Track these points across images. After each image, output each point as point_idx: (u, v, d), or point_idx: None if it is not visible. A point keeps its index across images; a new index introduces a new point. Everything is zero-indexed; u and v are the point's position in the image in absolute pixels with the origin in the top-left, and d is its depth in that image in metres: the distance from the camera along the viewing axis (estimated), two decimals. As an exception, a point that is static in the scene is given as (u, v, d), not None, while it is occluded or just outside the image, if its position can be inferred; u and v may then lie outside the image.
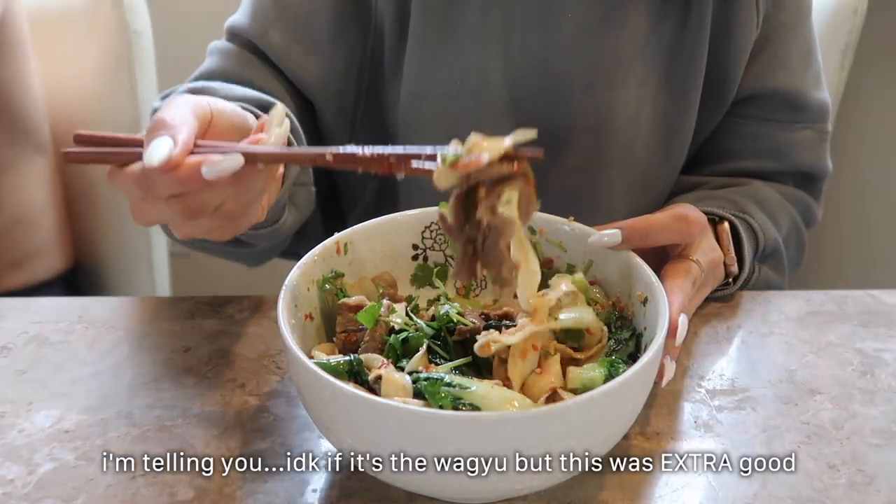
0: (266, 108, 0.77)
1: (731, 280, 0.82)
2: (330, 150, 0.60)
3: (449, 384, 0.59)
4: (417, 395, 0.59)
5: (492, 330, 0.64)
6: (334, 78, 0.89)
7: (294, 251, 0.95)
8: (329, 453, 0.67)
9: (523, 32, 0.85)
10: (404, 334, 0.64)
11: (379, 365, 0.61)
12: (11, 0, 1.14)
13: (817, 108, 0.94)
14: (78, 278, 1.32)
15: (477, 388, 0.59)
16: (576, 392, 0.61)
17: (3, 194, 1.19)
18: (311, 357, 0.61)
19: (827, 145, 0.97)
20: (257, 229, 0.75)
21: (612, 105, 0.87)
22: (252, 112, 0.71)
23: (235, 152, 0.59)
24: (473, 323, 0.65)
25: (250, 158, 0.60)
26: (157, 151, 0.57)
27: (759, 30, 0.89)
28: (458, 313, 0.66)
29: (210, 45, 0.90)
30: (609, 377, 0.60)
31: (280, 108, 0.63)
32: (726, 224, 0.81)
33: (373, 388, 0.60)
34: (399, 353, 0.63)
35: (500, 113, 0.87)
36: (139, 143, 0.61)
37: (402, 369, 0.62)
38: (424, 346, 0.64)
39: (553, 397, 0.61)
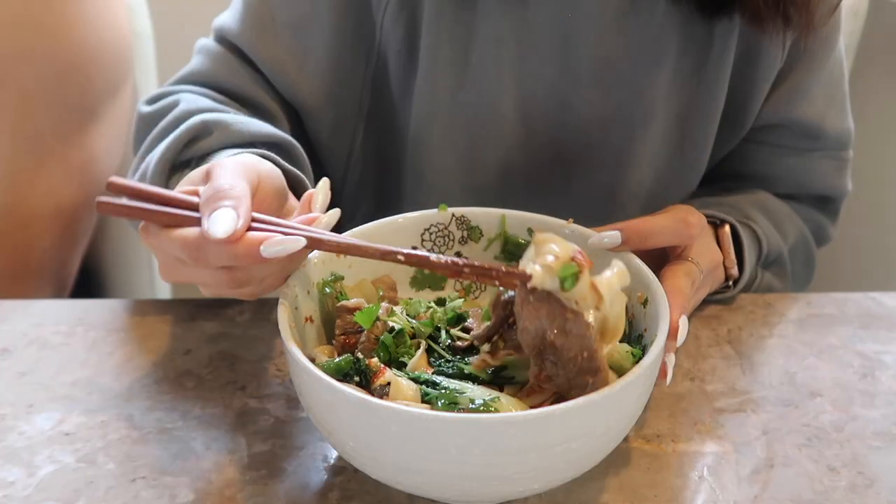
0: (282, 145, 0.78)
1: (731, 283, 0.82)
2: (402, 252, 0.60)
3: (445, 388, 0.59)
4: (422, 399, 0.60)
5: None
6: (330, 98, 0.87)
7: None
8: (330, 455, 0.67)
9: (539, 65, 0.83)
10: (398, 330, 0.64)
11: (377, 371, 0.61)
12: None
13: (836, 136, 0.91)
14: (80, 285, 1.32)
15: (471, 392, 0.59)
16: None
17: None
18: (311, 359, 0.61)
19: (846, 171, 0.95)
20: None
21: (630, 142, 0.85)
22: (275, 160, 0.72)
23: (299, 235, 0.59)
24: (469, 337, 0.65)
25: (314, 243, 0.60)
26: (223, 224, 0.57)
27: (784, 61, 0.85)
28: (463, 328, 0.66)
29: (198, 43, 0.89)
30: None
31: (326, 183, 0.64)
32: (727, 227, 0.81)
33: (374, 392, 0.60)
34: (391, 351, 0.63)
35: (512, 144, 0.86)
36: (179, 203, 0.60)
37: (404, 365, 0.62)
38: (423, 347, 0.64)
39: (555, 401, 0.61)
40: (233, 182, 0.60)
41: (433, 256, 0.59)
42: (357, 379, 0.61)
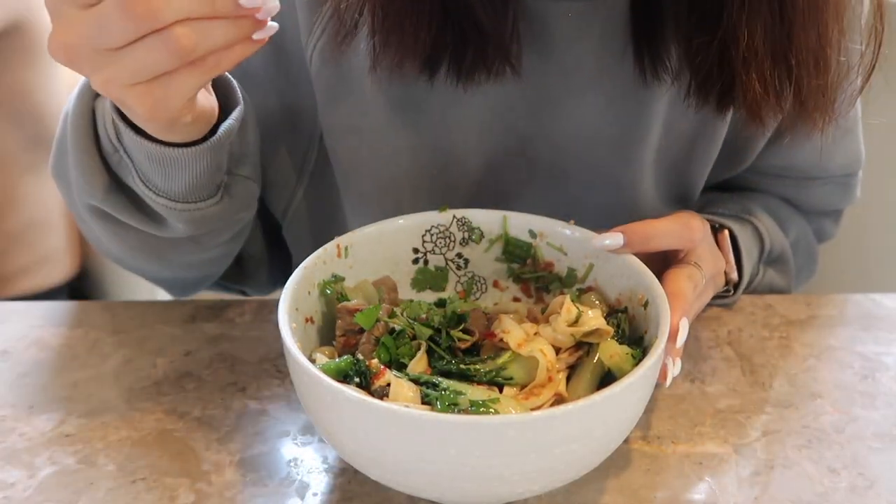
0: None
1: (731, 288, 0.82)
2: None
3: (445, 390, 0.59)
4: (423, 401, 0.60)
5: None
6: (270, 146, 0.81)
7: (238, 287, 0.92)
8: (330, 457, 0.67)
9: (511, 120, 0.78)
10: (398, 331, 0.64)
11: (377, 372, 0.61)
12: (30, 5, 1.14)
13: (843, 167, 0.89)
14: (83, 286, 1.33)
15: (471, 393, 0.59)
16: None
17: (21, 196, 1.21)
18: (312, 360, 0.61)
19: (852, 188, 0.93)
20: (177, 201, 0.69)
21: (615, 198, 0.82)
22: None
23: None
24: (470, 338, 0.65)
25: None
26: None
27: None
28: (463, 329, 0.66)
29: None
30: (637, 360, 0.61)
31: None
32: (727, 232, 0.81)
33: (374, 394, 0.60)
34: (392, 352, 0.63)
35: (483, 193, 0.81)
36: None
37: (404, 366, 0.62)
38: (424, 348, 0.64)
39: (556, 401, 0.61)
40: None
41: None
42: (357, 380, 0.61)
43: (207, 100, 0.64)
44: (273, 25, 0.56)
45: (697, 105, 0.75)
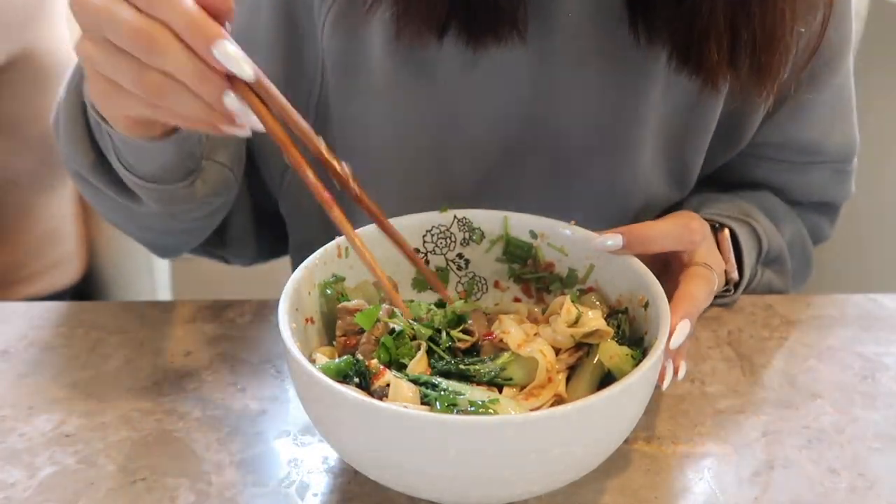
0: None
1: (731, 288, 0.82)
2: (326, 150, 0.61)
3: (444, 390, 0.59)
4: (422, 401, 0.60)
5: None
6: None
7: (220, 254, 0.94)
8: (330, 457, 0.67)
9: (513, 86, 0.79)
10: (398, 331, 0.64)
11: (377, 373, 0.61)
12: (37, 35, 1.16)
13: (839, 150, 0.90)
14: (87, 288, 1.34)
15: (470, 394, 0.59)
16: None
17: (38, 210, 1.24)
18: (312, 361, 0.61)
19: (849, 179, 0.93)
20: (146, 180, 0.72)
21: (613, 164, 0.82)
22: None
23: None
24: (470, 338, 0.65)
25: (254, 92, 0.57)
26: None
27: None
28: (463, 329, 0.66)
29: None
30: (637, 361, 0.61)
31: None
32: (727, 231, 0.81)
33: (374, 394, 0.60)
34: (392, 352, 0.63)
35: (485, 165, 0.81)
36: None
37: (404, 367, 0.62)
38: (424, 349, 0.64)
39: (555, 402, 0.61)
40: None
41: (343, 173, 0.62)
42: (357, 380, 0.61)
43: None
44: (243, 133, 0.59)
45: (677, 70, 0.78)
